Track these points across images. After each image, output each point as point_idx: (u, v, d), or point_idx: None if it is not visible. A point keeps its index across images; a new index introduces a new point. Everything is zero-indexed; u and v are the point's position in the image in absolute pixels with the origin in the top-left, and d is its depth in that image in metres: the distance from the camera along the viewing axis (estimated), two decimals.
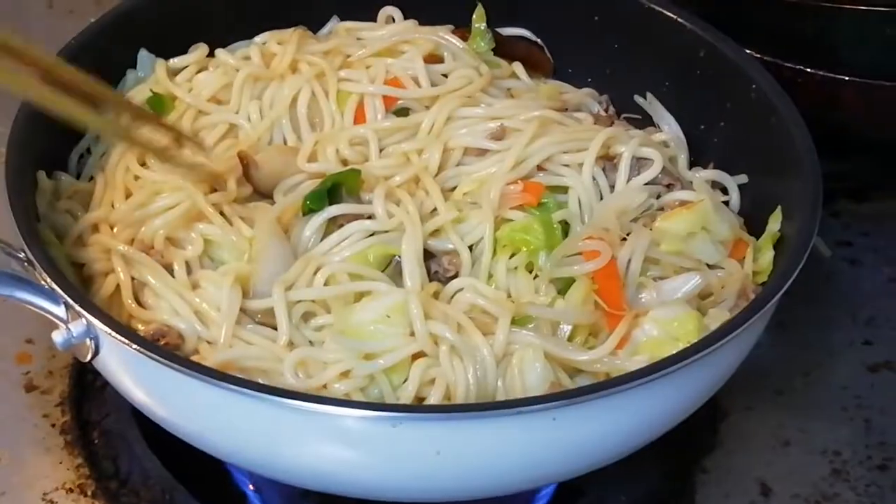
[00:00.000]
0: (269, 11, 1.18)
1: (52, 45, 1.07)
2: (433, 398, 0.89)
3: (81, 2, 1.45)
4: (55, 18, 1.43)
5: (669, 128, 1.15)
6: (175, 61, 1.13)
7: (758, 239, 1.03)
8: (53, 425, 1.05)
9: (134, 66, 1.13)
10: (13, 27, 1.40)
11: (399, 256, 0.98)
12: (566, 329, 0.95)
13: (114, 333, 0.86)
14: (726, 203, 1.08)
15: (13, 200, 0.93)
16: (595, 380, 0.92)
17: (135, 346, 0.86)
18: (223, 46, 1.15)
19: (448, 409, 0.86)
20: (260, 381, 0.91)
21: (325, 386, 0.89)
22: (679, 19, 1.14)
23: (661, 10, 1.15)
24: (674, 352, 0.88)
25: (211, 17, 1.16)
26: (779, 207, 1.02)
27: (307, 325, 0.94)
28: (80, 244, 1.00)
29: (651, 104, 1.17)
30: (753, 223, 1.06)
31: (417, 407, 0.87)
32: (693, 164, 1.13)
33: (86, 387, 1.08)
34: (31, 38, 1.37)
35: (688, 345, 0.90)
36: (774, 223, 1.03)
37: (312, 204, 0.99)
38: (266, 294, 0.95)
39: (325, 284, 0.95)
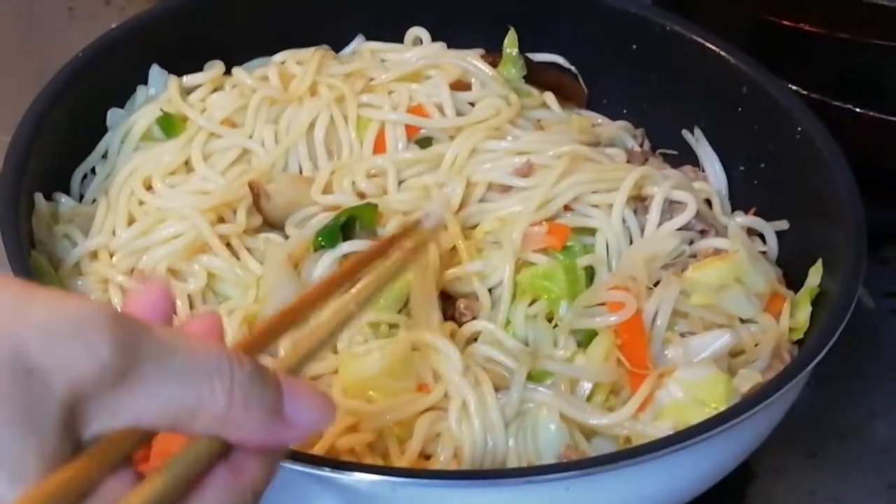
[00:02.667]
0: (291, 28, 1.13)
1: (72, 53, 1.03)
2: (441, 457, 0.84)
3: (104, 9, 1.40)
4: (76, 24, 1.39)
5: (712, 168, 1.09)
6: (189, 79, 1.08)
7: (796, 293, 0.97)
8: None
9: (145, 82, 1.08)
10: (34, 34, 1.38)
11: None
12: (586, 386, 0.89)
13: None
14: (764, 253, 1.01)
15: (4, 225, 0.88)
16: (614, 443, 0.86)
17: None
18: (241, 64, 1.10)
19: (451, 475, 0.81)
20: None
21: (332, 446, 0.84)
22: (721, 52, 1.08)
23: (702, 41, 1.09)
24: (700, 418, 0.83)
25: (229, 32, 1.11)
26: (819, 260, 0.96)
27: (316, 383, 0.89)
28: (76, 273, 0.95)
29: (698, 141, 1.11)
30: (793, 274, 1.00)
31: (418, 471, 0.82)
32: (732, 207, 1.07)
33: None
34: (51, 45, 1.35)
35: (715, 410, 0.84)
36: (815, 276, 0.96)
37: (324, 241, 0.94)
38: None
39: None
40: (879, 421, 1.09)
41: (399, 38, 1.15)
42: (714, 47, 1.08)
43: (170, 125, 1.04)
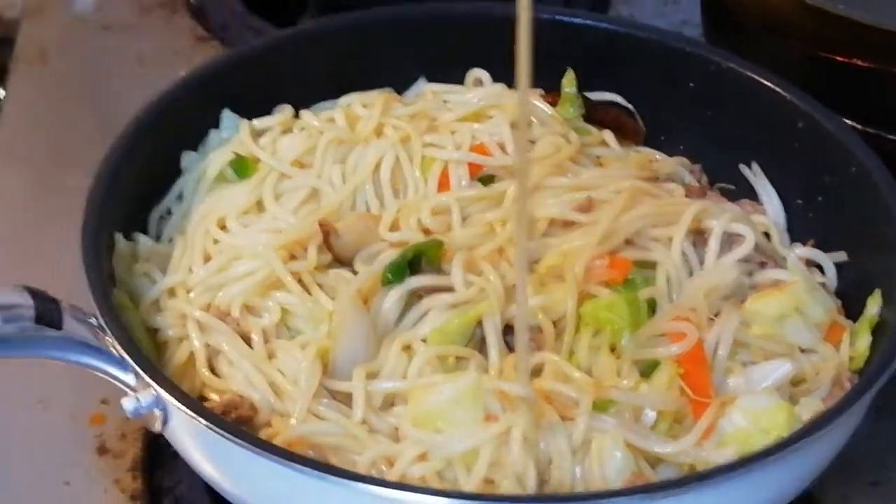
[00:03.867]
0: (356, 72, 1.16)
1: (143, 100, 1.07)
2: (505, 482, 0.86)
3: (172, 58, 1.44)
4: (146, 73, 1.43)
5: (770, 202, 1.11)
6: (259, 122, 1.11)
7: (855, 322, 0.99)
8: (124, 491, 1.03)
9: (216, 126, 1.12)
10: (106, 83, 1.42)
11: (480, 328, 0.96)
12: (650, 415, 0.91)
13: (181, 406, 0.85)
14: (823, 284, 1.03)
15: (88, 264, 0.92)
16: (679, 470, 0.88)
17: (203, 420, 0.84)
18: (308, 107, 1.14)
19: (516, 498, 0.83)
20: (332, 457, 0.89)
21: (403, 474, 0.87)
22: (777, 88, 1.10)
23: (758, 78, 1.11)
24: (763, 445, 0.84)
25: (296, 76, 1.15)
26: (878, 291, 0.98)
27: (387, 413, 0.92)
28: (155, 309, 0.98)
29: (756, 176, 1.13)
30: (852, 305, 1.01)
31: (484, 495, 0.84)
32: (790, 240, 1.09)
33: (159, 452, 1.06)
34: (122, 92, 1.40)
35: (778, 437, 0.86)
36: (873, 306, 0.98)
37: (392, 276, 0.97)
38: (345, 370, 0.93)
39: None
40: None
41: (460, 80, 1.18)
42: (769, 83, 1.11)
43: (242, 167, 1.08)
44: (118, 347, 0.88)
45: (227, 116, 1.12)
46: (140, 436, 1.07)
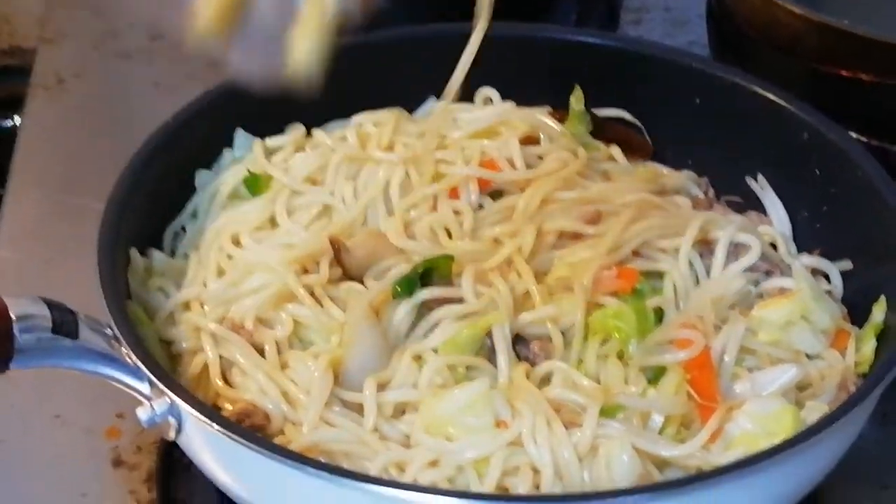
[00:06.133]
0: (367, 91, 1.18)
1: (159, 123, 1.10)
2: (521, 487, 0.87)
3: (187, 82, 1.46)
4: (162, 97, 1.45)
5: (776, 213, 1.12)
6: (271, 141, 1.13)
7: (861, 328, 1.00)
8: (139, 502, 1.05)
9: (230, 145, 1.14)
10: (123, 108, 1.45)
11: (490, 338, 0.97)
12: (658, 420, 0.92)
13: (196, 413, 0.86)
14: (829, 292, 1.04)
15: (103, 278, 0.94)
16: (686, 474, 0.89)
17: (216, 426, 0.85)
18: (320, 126, 1.16)
19: (533, 498, 0.84)
20: (343, 463, 0.91)
21: (414, 479, 0.88)
22: (781, 101, 1.12)
23: (763, 92, 1.13)
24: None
25: (307, 97, 1.17)
26: (883, 297, 0.99)
27: (398, 421, 0.93)
28: (170, 322, 1.00)
29: (762, 188, 1.14)
30: (857, 312, 1.02)
31: (503, 496, 0.85)
32: (798, 249, 1.11)
33: (173, 464, 1.08)
34: (139, 116, 1.42)
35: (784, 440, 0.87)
36: (878, 312, 0.99)
37: (403, 290, 0.98)
38: (356, 380, 0.94)
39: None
40: None
41: (470, 98, 1.19)
42: (774, 97, 1.12)
43: (255, 184, 1.10)
44: (133, 357, 0.89)
45: (241, 136, 1.14)
46: (155, 448, 1.09)
